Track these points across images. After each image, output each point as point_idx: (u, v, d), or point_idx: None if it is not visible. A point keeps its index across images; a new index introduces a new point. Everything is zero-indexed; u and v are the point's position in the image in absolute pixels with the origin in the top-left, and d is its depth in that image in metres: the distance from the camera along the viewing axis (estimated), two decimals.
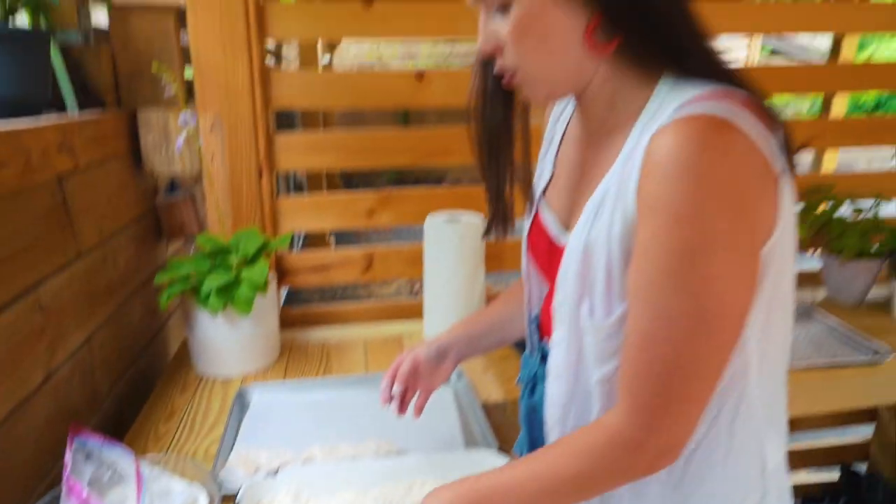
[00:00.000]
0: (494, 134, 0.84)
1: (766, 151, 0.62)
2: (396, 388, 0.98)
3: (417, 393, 1.00)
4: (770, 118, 0.64)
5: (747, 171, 0.61)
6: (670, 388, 0.64)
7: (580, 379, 0.77)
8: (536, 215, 0.89)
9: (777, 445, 0.76)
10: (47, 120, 1.08)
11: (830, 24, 1.81)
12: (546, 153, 0.92)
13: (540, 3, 0.68)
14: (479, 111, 0.83)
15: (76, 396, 1.12)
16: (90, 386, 1.18)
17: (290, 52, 4.74)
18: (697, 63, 0.67)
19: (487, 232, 0.93)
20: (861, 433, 2.27)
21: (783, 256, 0.67)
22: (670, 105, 0.65)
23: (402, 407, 1.00)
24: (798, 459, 2.25)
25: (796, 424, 2.07)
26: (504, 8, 0.70)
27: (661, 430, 0.66)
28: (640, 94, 0.70)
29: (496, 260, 1.70)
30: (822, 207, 1.73)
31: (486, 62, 0.78)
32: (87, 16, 1.37)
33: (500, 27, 0.71)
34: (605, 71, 0.72)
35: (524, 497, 0.71)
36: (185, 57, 1.48)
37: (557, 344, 0.79)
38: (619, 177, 0.68)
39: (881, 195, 1.74)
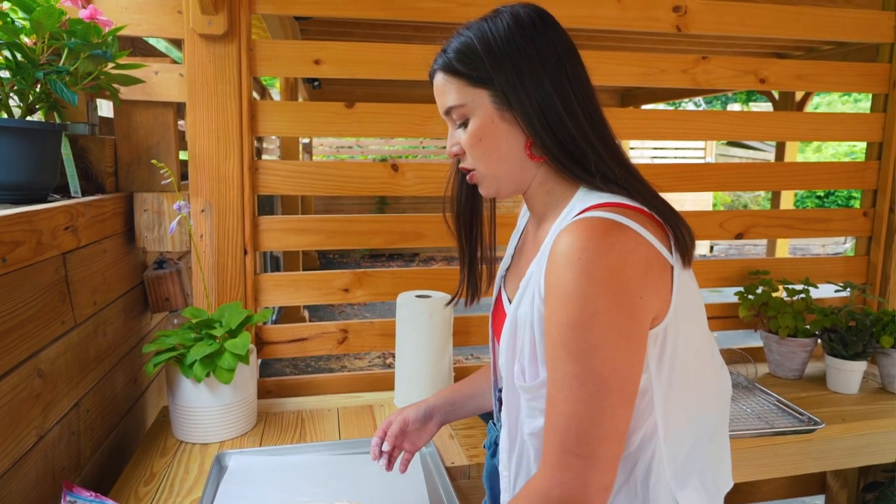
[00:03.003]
0: (467, 217, 1.03)
1: (657, 247, 0.76)
2: (386, 446, 1.10)
3: (403, 451, 1.13)
4: (663, 221, 0.80)
5: (630, 263, 0.74)
6: (572, 445, 0.74)
7: (518, 431, 0.90)
8: (498, 295, 1.03)
9: (693, 500, 0.86)
10: (56, 203, 1.21)
11: (772, 132, 1.98)
12: (511, 242, 1.09)
13: (489, 121, 0.87)
14: (455, 199, 1.03)
15: (62, 458, 1.19)
16: (75, 449, 1.25)
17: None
18: (604, 181, 0.83)
19: (457, 297, 1.08)
20: None
21: (681, 336, 0.80)
22: (577, 209, 0.81)
23: (390, 464, 1.11)
24: None
25: (749, 495, 2.17)
26: (464, 123, 0.89)
27: (572, 483, 0.74)
28: (564, 197, 0.87)
29: (463, 335, 1.82)
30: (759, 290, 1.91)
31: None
32: (95, 110, 1.52)
33: (462, 137, 0.90)
34: (542, 175, 0.90)
35: None
36: (181, 142, 1.62)
37: (504, 400, 0.93)
38: (537, 264, 0.84)
39: (808, 280, 1.92)
